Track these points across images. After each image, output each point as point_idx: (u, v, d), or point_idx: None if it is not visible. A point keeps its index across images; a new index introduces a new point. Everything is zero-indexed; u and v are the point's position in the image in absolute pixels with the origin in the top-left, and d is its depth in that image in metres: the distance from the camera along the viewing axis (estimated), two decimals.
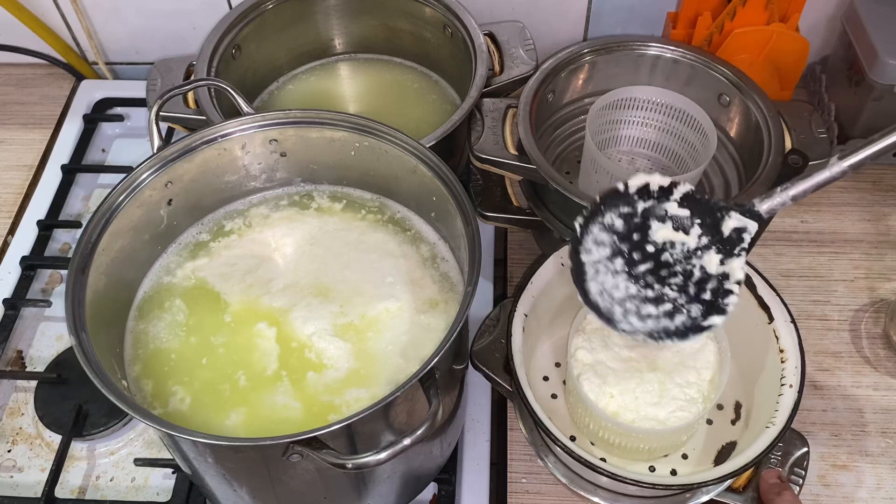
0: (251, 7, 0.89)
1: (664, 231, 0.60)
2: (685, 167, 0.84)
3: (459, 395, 0.70)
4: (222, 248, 0.72)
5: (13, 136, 1.02)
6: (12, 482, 0.76)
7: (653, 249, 0.60)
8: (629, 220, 0.60)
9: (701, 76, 0.83)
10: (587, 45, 0.84)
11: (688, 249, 0.60)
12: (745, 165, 0.82)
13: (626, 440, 0.67)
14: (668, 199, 0.60)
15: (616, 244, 0.60)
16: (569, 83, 0.86)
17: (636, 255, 0.60)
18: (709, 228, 0.60)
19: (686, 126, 0.81)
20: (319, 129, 0.69)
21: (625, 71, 0.86)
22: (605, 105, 0.81)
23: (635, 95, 0.82)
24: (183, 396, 0.64)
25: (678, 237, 0.60)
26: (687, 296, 0.60)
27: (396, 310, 0.67)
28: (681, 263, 0.60)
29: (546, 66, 0.82)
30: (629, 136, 0.86)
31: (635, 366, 0.68)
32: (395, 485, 0.67)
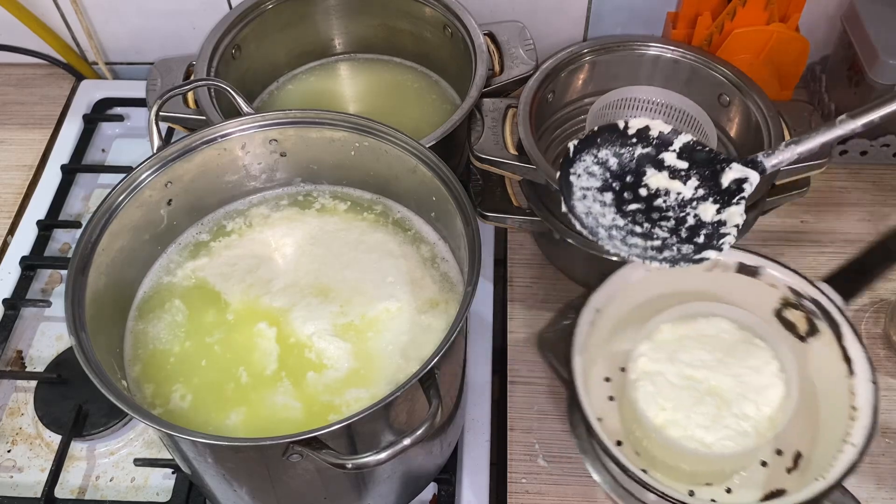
0: (251, 7, 0.88)
1: (659, 178, 0.59)
2: None
3: (459, 395, 0.70)
4: (222, 247, 0.72)
5: (13, 136, 1.02)
6: (12, 482, 0.76)
7: (645, 193, 0.59)
8: (624, 161, 0.59)
9: (701, 76, 0.83)
10: (587, 45, 0.84)
11: (683, 199, 0.59)
12: None
13: (669, 456, 0.66)
14: (667, 148, 0.59)
15: (608, 180, 0.59)
16: (569, 83, 0.86)
17: (627, 195, 0.59)
18: (707, 180, 0.58)
19: (686, 126, 0.81)
20: (319, 129, 0.69)
21: (625, 71, 0.85)
22: (605, 105, 0.81)
23: (635, 95, 0.82)
24: (183, 396, 0.64)
25: (674, 186, 0.59)
26: (678, 237, 0.58)
27: (396, 310, 0.67)
28: (674, 210, 0.58)
29: (546, 66, 0.82)
30: None
31: (696, 386, 0.67)
32: (395, 485, 0.67)
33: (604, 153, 0.59)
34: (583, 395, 0.64)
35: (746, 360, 0.68)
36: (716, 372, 0.68)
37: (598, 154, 0.59)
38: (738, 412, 0.66)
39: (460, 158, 0.90)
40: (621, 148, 0.59)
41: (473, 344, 0.82)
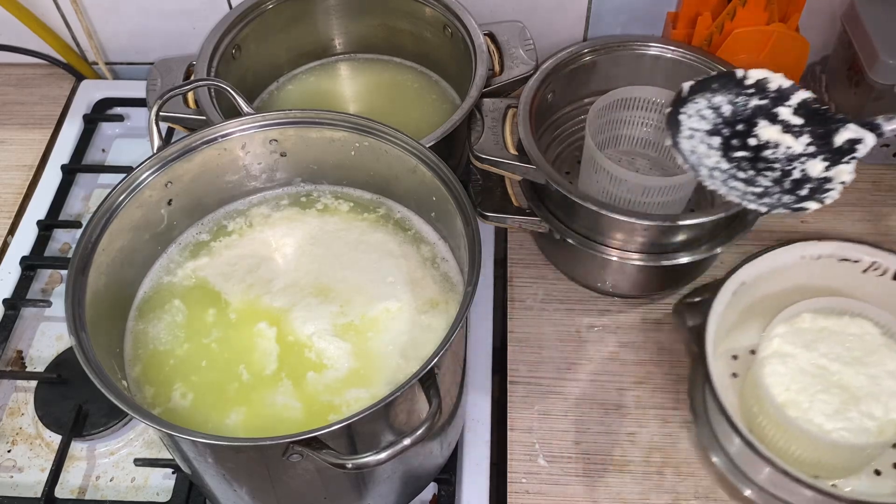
0: (251, 7, 0.88)
1: (771, 131, 0.59)
2: None
3: (459, 395, 0.70)
4: (223, 247, 0.72)
5: (13, 136, 1.02)
6: (12, 482, 0.76)
7: (754, 143, 0.59)
8: (738, 110, 0.59)
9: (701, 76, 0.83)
10: (587, 45, 0.84)
11: (792, 153, 0.59)
12: None
13: (781, 436, 0.66)
14: (783, 103, 0.59)
15: (718, 125, 0.59)
16: (569, 83, 0.86)
17: (735, 142, 0.59)
18: (819, 138, 0.58)
19: None
20: (319, 129, 0.69)
21: (625, 71, 0.85)
22: (606, 105, 0.81)
23: (635, 95, 0.82)
24: (183, 396, 0.64)
25: (785, 139, 0.59)
26: (780, 188, 0.58)
27: (397, 310, 0.67)
28: (781, 163, 0.59)
29: (546, 66, 0.82)
30: (629, 136, 0.86)
31: (826, 376, 0.67)
32: (395, 485, 0.67)
33: (718, 99, 0.59)
34: (712, 367, 0.64)
35: (885, 364, 0.68)
36: (850, 368, 0.67)
37: (712, 99, 0.60)
38: (864, 410, 0.65)
39: (460, 158, 0.89)
40: (737, 97, 0.59)
41: (473, 344, 0.82)
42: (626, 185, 0.75)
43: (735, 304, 0.72)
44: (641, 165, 0.87)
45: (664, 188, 0.75)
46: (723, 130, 0.59)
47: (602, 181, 0.77)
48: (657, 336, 0.82)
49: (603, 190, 0.77)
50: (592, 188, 0.79)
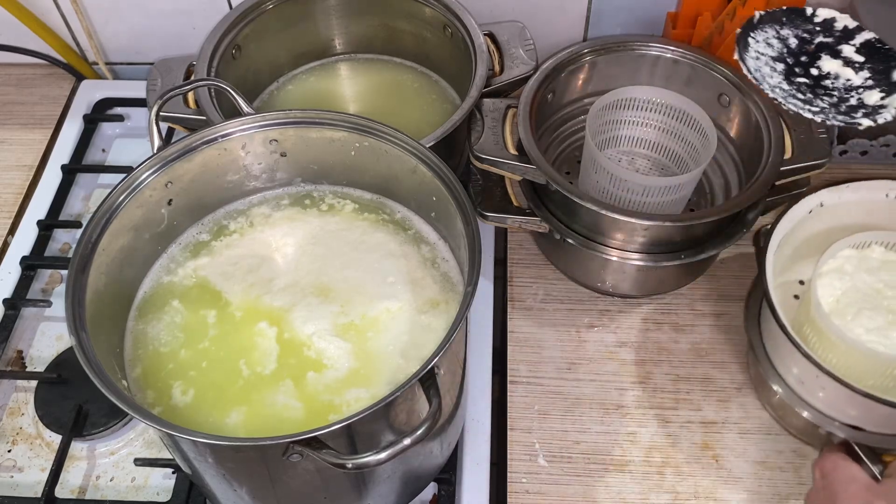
0: (251, 7, 0.89)
1: (833, 64, 0.63)
2: (685, 167, 0.84)
3: (459, 395, 0.70)
4: (224, 247, 0.72)
5: (13, 136, 1.02)
6: (12, 482, 0.76)
7: (816, 73, 0.63)
8: (803, 44, 0.63)
9: (701, 76, 0.83)
10: (587, 45, 0.84)
11: (851, 84, 0.62)
12: (745, 165, 0.82)
13: (821, 344, 0.67)
14: (847, 41, 0.62)
15: (783, 54, 0.63)
16: (569, 83, 0.86)
17: (798, 70, 0.63)
18: (879, 73, 0.62)
19: (686, 126, 0.81)
20: (319, 129, 0.69)
21: (625, 71, 0.86)
22: (605, 105, 0.81)
23: (635, 95, 0.82)
24: (183, 396, 0.64)
25: (845, 73, 0.63)
26: (836, 110, 0.62)
27: (397, 310, 0.67)
28: (839, 92, 0.62)
29: (546, 65, 0.82)
30: (629, 136, 0.86)
31: (879, 300, 0.70)
32: (395, 485, 0.67)
33: (786, 31, 0.63)
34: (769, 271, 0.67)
35: None
36: None
37: (780, 31, 0.63)
38: None
39: (460, 158, 0.89)
40: (804, 32, 0.63)
41: (473, 344, 0.82)
42: (627, 185, 0.75)
43: (808, 226, 0.73)
44: (641, 165, 0.87)
45: (664, 188, 0.75)
46: (787, 59, 0.63)
47: (602, 181, 0.77)
48: (657, 336, 0.82)
49: (603, 190, 0.77)
50: (592, 188, 0.79)
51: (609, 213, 0.72)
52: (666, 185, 0.75)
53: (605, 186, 0.77)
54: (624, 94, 0.81)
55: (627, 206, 0.77)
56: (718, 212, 0.72)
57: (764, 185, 0.73)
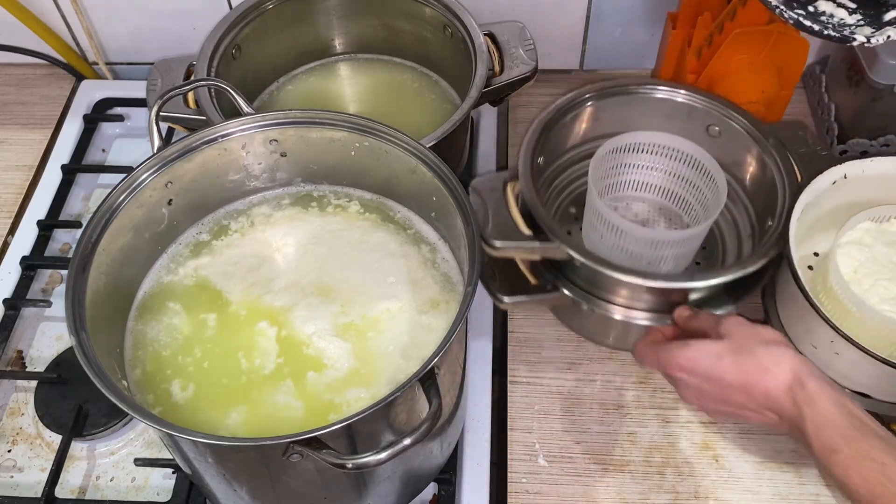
0: (251, 7, 0.88)
1: (828, 5, 0.65)
2: (694, 213, 0.82)
3: (459, 395, 0.70)
4: (224, 246, 0.72)
5: (13, 136, 1.02)
6: (12, 482, 0.76)
7: (812, 10, 0.65)
8: None
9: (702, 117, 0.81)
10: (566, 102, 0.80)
11: (843, 23, 0.64)
12: (756, 210, 0.80)
13: (837, 310, 0.69)
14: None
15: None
16: (554, 142, 0.81)
17: (795, 5, 0.65)
18: (870, 17, 0.64)
19: (695, 171, 0.78)
20: (319, 129, 0.69)
21: (609, 117, 0.82)
22: (609, 151, 0.78)
23: (639, 141, 0.79)
24: (183, 395, 0.64)
25: (839, 13, 0.65)
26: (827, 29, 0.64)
27: (397, 310, 0.67)
28: (834, 28, 0.64)
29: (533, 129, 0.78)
30: (634, 180, 0.84)
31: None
32: (395, 485, 0.67)
33: None
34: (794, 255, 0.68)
35: None
36: None
37: None
38: None
39: (460, 158, 0.89)
40: None
41: (473, 344, 0.82)
42: (633, 238, 0.73)
43: (829, 198, 0.75)
44: (648, 212, 0.85)
45: (673, 242, 0.73)
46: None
47: (606, 235, 0.74)
48: None
49: (609, 243, 0.75)
50: (597, 242, 0.76)
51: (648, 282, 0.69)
52: (676, 238, 0.74)
53: (610, 241, 0.74)
54: (627, 139, 0.78)
55: (633, 258, 0.74)
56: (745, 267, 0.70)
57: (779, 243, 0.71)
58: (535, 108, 1.02)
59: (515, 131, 1.00)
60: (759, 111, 0.88)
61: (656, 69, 1.03)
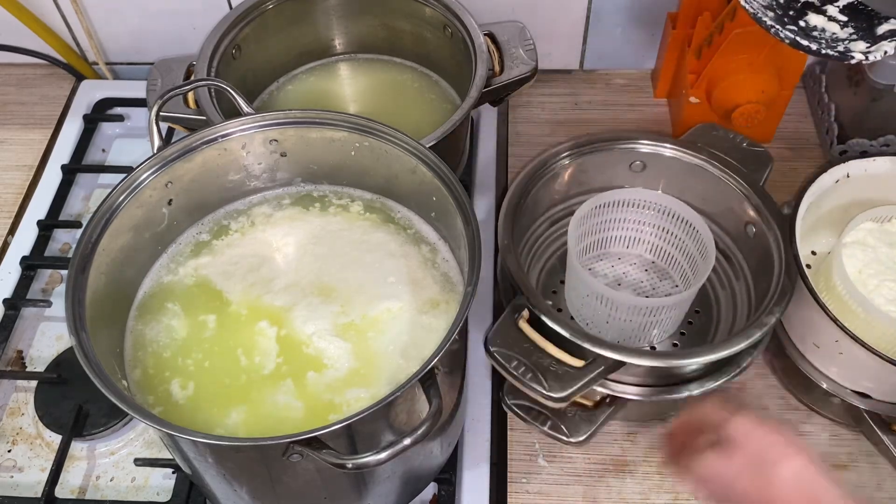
0: (251, 7, 0.88)
1: (819, 20, 0.64)
2: (683, 273, 0.80)
3: (459, 395, 0.70)
4: (224, 246, 0.72)
5: (13, 136, 1.02)
6: (12, 482, 0.76)
7: (804, 25, 0.64)
8: (790, 2, 0.65)
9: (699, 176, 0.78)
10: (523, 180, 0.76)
11: (836, 37, 0.64)
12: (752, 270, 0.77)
13: (843, 314, 0.68)
14: (832, 2, 0.64)
15: (773, 5, 0.65)
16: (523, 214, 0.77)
17: (787, 20, 0.64)
18: (862, 30, 0.63)
19: (681, 229, 0.77)
20: (319, 129, 0.69)
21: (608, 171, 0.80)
22: (591, 210, 0.76)
23: (622, 198, 0.77)
24: (183, 395, 0.64)
25: (830, 27, 0.64)
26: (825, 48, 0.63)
27: (398, 310, 0.67)
28: (827, 42, 0.63)
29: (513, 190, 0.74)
30: (621, 236, 0.82)
31: None
32: (395, 485, 0.67)
33: None
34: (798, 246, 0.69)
35: None
36: None
37: None
38: None
39: (460, 158, 0.89)
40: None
41: (474, 344, 0.81)
42: (615, 304, 0.71)
43: (831, 197, 0.75)
44: (627, 269, 0.82)
45: (656, 308, 0.72)
46: (776, 9, 0.65)
47: (590, 300, 0.73)
48: None
49: (593, 310, 0.73)
50: (581, 305, 0.75)
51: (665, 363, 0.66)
52: (658, 305, 0.72)
53: (592, 305, 0.73)
54: (609, 198, 0.77)
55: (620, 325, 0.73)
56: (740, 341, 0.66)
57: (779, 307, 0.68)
58: (535, 108, 1.02)
59: (515, 131, 1.00)
60: (760, 111, 0.88)
61: (656, 69, 1.03)
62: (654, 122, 1.00)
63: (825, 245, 0.80)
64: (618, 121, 1.01)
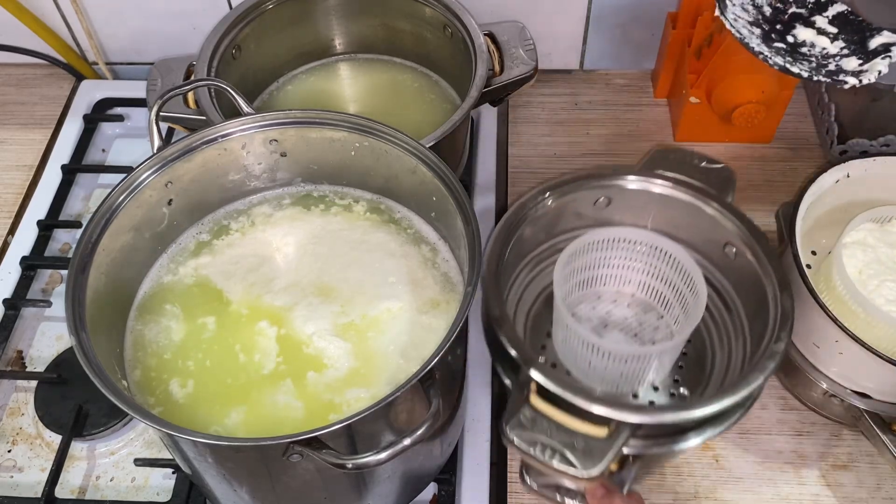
0: (251, 7, 0.88)
1: (808, 33, 0.61)
2: (674, 314, 0.75)
3: (459, 395, 0.70)
4: (225, 245, 0.72)
5: (13, 136, 1.02)
6: (12, 482, 0.76)
7: (792, 41, 0.61)
8: (777, 13, 0.62)
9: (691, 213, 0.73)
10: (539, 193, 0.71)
11: (827, 53, 0.61)
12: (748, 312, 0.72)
13: (843, 314, 0.68)
14: (821, 13, 0.61)
15: (759, 21, 0.61)
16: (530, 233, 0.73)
17: (774, 36, 0.61)
18: (853, 43, 0.61)
19: (671, 269, 0.73)
20: (319, 129, 0.69)
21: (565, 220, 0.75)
22: (577, 251, 0.72)
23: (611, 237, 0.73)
24: (183, 395, 0.64)
25: (820, 41, 0.61)
26: (817, 73, 0.61)
27: (398, 310, 0.67)
28: (817, 59, 0.61)
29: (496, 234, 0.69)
30: (610, 275, 0.77)
31: None
32: (395, 485, 0.67)
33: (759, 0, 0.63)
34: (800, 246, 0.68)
35: None
36: None
37: None
38: None
39: (460, 158, 0.89)
40: (777, 2, 0.62)
41: (473, 344, 0.81)
42: (602, 352, 0.67)
43: (831, 197, 0.75)
44: (616, 310, 0.77)
45: (643, 356, 0.68)
46: (763, 25, 0.62)
47: (580, 349, 0.69)
48: None
49: (578, 355, 0.70)
50: (569, 350, 0.72)
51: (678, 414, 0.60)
52: (644, 353, 0.68)
53: (578, 350, 0.69)
54: (596, 236, 0.71)
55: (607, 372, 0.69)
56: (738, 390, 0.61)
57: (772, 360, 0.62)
58: (535, 108, 1.02)
59: (515, 131, 1.00)
60: (760, 111, 0.88)
61: (656, 69, 1.03)
62: (654, 123, 1.00)
63: (826, 245, 0.80)
64: (618, 121, 1.01)
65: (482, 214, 0.91)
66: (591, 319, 0.77)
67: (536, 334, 0.77)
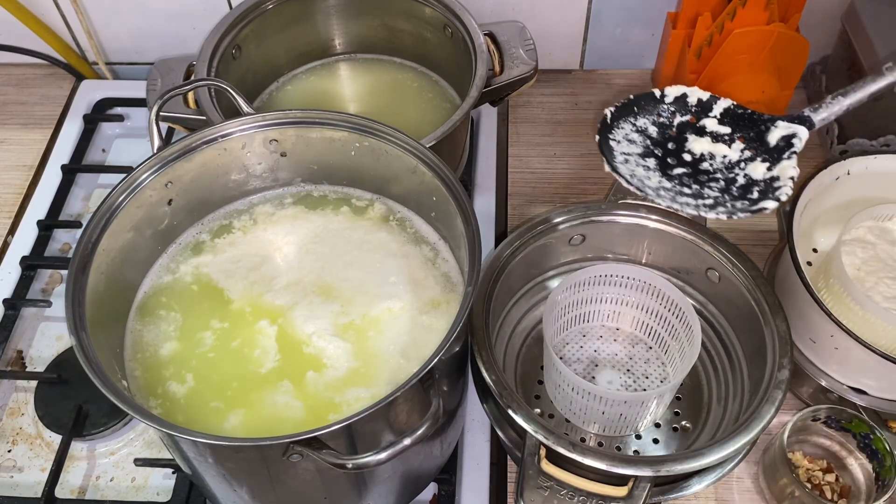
0: (251, 7, 0.89)
1: (702, 143, 0.59)
2: (670, 353, 0.76)
3: (460, 395, 0.70)
4: (226, 244, 0.72)
5: (13, 136, 1.02)
6: (12, 482, 0.76)
7: (690, 158, 0.58)
8: (664, 129, 0.58)
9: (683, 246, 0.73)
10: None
11: (729, 161, 0.58)
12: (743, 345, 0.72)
13: (841, 310, 0.69)
14: (707, 114, 0.58)
15: (649, 147, 0.58)
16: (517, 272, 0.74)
17: (671, 160, 0.58)
18: (752, 141, 0.58)
19: (665, 307, 0.73)
20: (319, 129, 0.69)
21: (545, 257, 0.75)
22: (569, 287, 0.73)
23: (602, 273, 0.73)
24: (183, 395, 0.64)
25: (718, 149, 0.58)
26: (730, 196, 0.57)
27: (398, 310, 0.67)
28: (722, 172, 0.58)
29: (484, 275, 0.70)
30: (603, 311, 0.78)
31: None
32: (395, 485, 0.67)
33: (642, 122, 0.58)
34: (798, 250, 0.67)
35: None
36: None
37: (636, 122, 0.58)
38: None
39: (460, 158, 0.89)
40: (659, 117, 0.58)
41: None
42: (592, 396, 0.68)
43: (831, 195, 0.75)
44: (608, 348, 0.77)
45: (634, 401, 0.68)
46: (655, 151, 0.58)
47: (574, 396, 0.70)
48: None
49: (579, 405, 0.71)
50: (560, 394, 0.72)
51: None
52: (642, 398, 0.68)
53: (574, 398, 0.70)
54: (588, 274, 0.72)
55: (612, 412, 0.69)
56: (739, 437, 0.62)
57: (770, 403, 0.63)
58: (535, 108, 1.02)
59: (515, 131, 1.00)
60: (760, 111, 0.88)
61: (656, 69, 1.03)
62: None
63: (827, 243, 0.80)
64: None
65: (482, 214, 0.91)
66: (581, 360, 0.77)
67: (527, 381, 0.76)
